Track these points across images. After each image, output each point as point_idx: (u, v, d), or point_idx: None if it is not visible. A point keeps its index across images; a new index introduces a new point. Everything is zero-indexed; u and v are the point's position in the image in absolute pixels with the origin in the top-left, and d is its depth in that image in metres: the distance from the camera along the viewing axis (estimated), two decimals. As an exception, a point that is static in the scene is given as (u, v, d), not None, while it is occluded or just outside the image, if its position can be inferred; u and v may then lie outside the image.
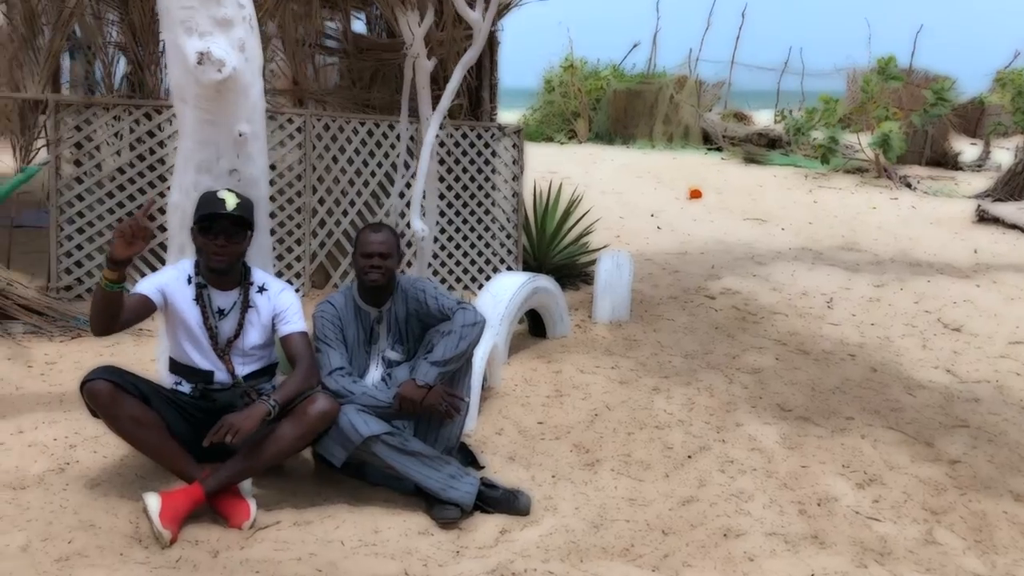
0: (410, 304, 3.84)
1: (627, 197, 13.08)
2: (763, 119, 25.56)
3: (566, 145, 23.21)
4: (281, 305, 3.62)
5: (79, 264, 6.02)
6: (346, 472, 3.76)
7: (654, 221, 11.26)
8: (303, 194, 6.51)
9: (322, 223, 6.62)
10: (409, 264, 6.31)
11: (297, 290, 6.50)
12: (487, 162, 7.09)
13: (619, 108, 25.08)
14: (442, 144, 6.90)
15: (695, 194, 13.36)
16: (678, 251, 9.34)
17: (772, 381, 5.25)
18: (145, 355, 4.97)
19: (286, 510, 3.44)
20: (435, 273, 7.04)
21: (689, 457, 4.17)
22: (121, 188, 6.08)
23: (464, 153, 7.02)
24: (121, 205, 6.09)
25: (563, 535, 3.38)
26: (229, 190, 3.52)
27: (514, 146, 7.12)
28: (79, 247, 6.01)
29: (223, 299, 3.56)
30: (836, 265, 8.60)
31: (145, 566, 2.95)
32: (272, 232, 6.41)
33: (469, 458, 3.98)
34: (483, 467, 3.94)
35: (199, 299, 3.53)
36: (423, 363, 3.58)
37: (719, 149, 21.29)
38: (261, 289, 3.63)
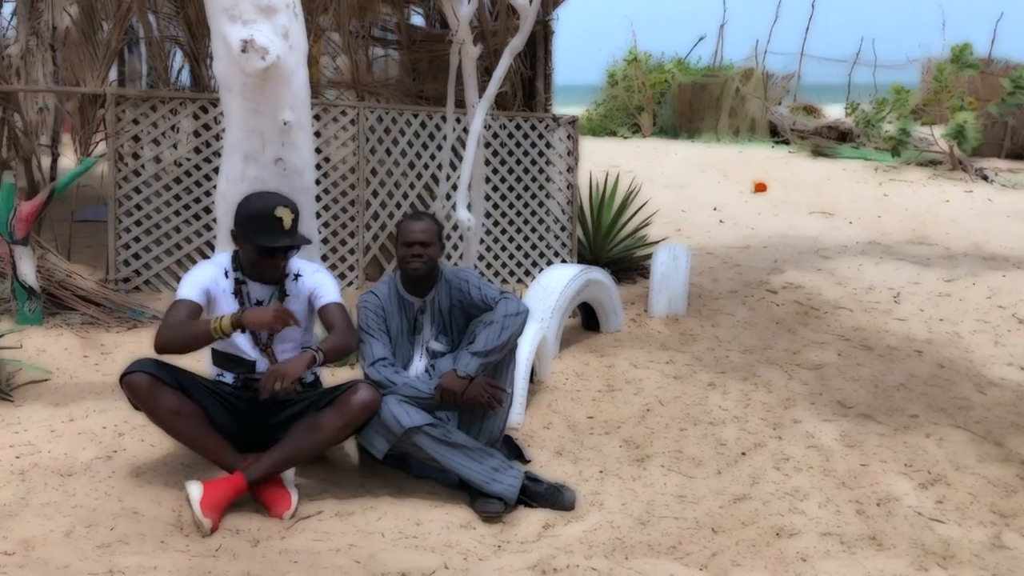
0: (453, 294, 3.80)
1: (690, 191, 12.89)
2: (834, 113, 25.01)
3: (629, 140, 23.03)
4: (316, 283, 3.61)
5: (137, 256, 6.12)
6: (390, 464, 3.74)
7: (717, 215, 11.08)
8: (356, 187, 6.53)
9: (375, 216, 6.63)
10: (452, 251, 6.27)
11: (350, 283, 6.52)
12: (541, 153, 7.02)
13: (684, 102, 24.78)
14: (495, 135, 6.86)
15: (760, 187, 13.11)
16: (740, 245, 9.17)
17: (833, 377, 5.10)
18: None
19: (328, 500, 3.43)
20: (488, 266, 7.02)
21: (743, 454, 4.07)
22: (178, 181, 6.16)
23: (518, 144, 6.97)
24: (178, 198, 6.17)
25: (608, 531, 3.31)
26: (284, 206, 3.47)
27: (569, 137, 7.05)
28: (137, 239, 6.10)
29: (261, 291, 3.57)
30: (905, 259, 8.35)
31: (184, 554, 2.96)
32: (326, 225, 6.44)
33: (515, 452, 3.93)
34: (529, 461, 3.89)
35: (238, 294, 3.54)
36: (464, 354, 3.54)
37: (786, 142, 20.89)
38: (297, 276, 3.62)
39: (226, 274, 3.54)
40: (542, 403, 4.65)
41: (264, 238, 3.39)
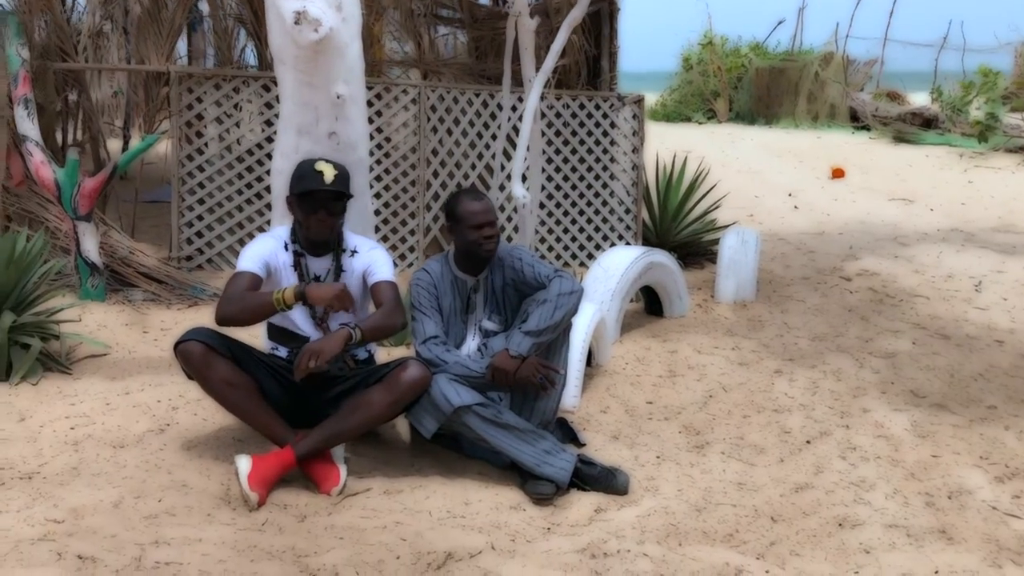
0: (507, 273, 3.75)
1: (764, 176, 12.66)
2: (919, 100, 24.27)
3: (704, 125, 22.74)
4: (371, 260, 3.60)
5: (200, 235, 6.21)
6: (442, 443, 3.72)
7: (791, 201, 10.84)
8: (417, 167, 6.53)
9: (436, 196, 6.62)
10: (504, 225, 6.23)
11: (410, 264, 6.53)
12: (605, 133, 6.93)
13: (761, 86, 24.33)
14: (558, 115, 6.79)
15: (837, 173, 12.79)
16: (815, 231, 8.95)
17: (907, 366, 4.92)
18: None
19: (377, 478, 3.42)
20: (550, 248, 6.96)
21: (808, 442, 3.95)
22: (240, 160, 6.23)
23: (581, 124, 6.89)
24: (241, 176, 6.25)
25: (662, 517, 3.23)
26: (327, 161, 3.50)
27: (634, 116, 6.94)
28: (200, 218, 6.20)
29: (318, 265, 3.57)
30: (988, 247, 8.04)
31: (230, 527, 2.98)
32: (386, 205, 6.46)
33: (569, 435, 3.88)
34: (584, 444, 3.83)
35: (297, 267, 3.54)
36: (517, 333, 3.50)
37: (867, 128, 20.36)
38: (353, 253, 3.61)
39: (285, 247, 3.55)
40: (600, 387, 4.59)
41: (302, 186, 3.40)
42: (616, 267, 5.22)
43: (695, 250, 7.27)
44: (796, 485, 3.52)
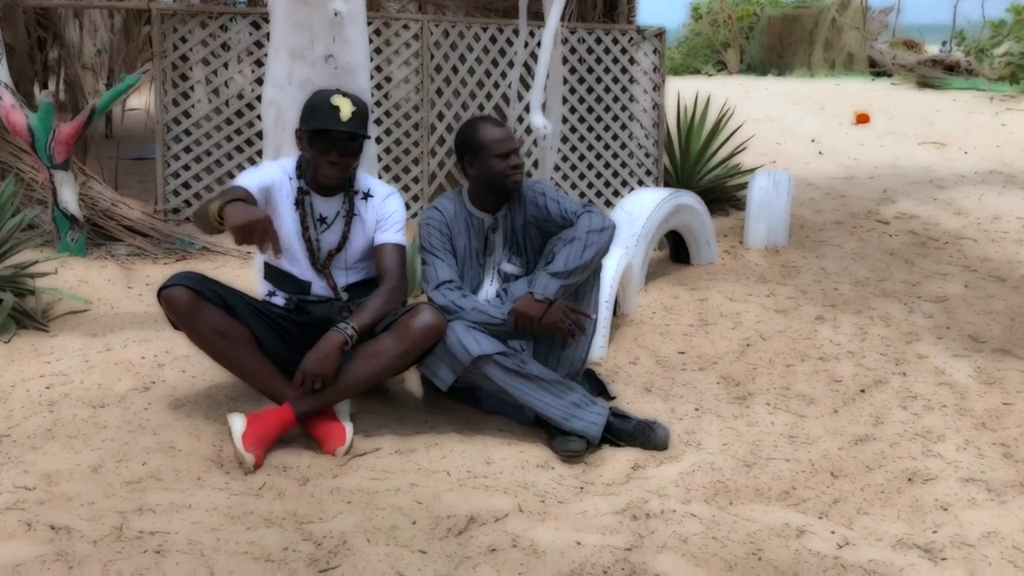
0: (528, 209, 3.45)
1: (784, 123, 12.31)
2: (936, 51, 23.76)
3: (714, 77, 22.30)
4: (384, 211, 3.31)
5: (187, 185, 5.91)
6: (458, 398, 3.45)
7: (815, 147, 10.51)
8: (420, 108, 6.20)
9: (441, 141, 6.30)
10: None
11: (414, 215, 6.22)
12: (624, 70, 6.59)
13: (774, 36, 23.86)
14: (573, 50, 6.45)
15: (862, 118, 12.44)
16: (843, 176, 8.63)
17: (961, 310, 4.63)
18: (252, 275, 4.79)
19: (387, 437, 3.14)
20: (565, 194, 6.64)
21: (862, 391, 3.66)
22: (229, 104, 5.91)
23: (598, 60, 6.54)
24: (229, 122, 5.93)
25: (708, 473, 2.95)
26: (344, 94, 3.17)
27: (655, 52, 6.60)
28: (186, 167, 5.89)
29: (325, 206, 3.26)
30: (1033, 188, 7.73)
31: (223, 492, 2.70)
32: (387, 151, 6.14)
33: (598, 388, 3.60)
34: (614, 397, 3.55)
35: (299, 205, 3.24)
36: (542, 274, 3.19)
37: (889, 74, 19.93)
38: (366, 196, 3.31)
39: (289, 180, 3.25)
40: (627, 337, 4.30)
41: (315, 123, 3.09)
42: (641, 210, 4.91)
43: (719, 196, 6.95)
44: (855, 437, 3.24)
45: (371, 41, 6.01)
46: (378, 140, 6.07)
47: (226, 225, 2.83)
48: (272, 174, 3.23)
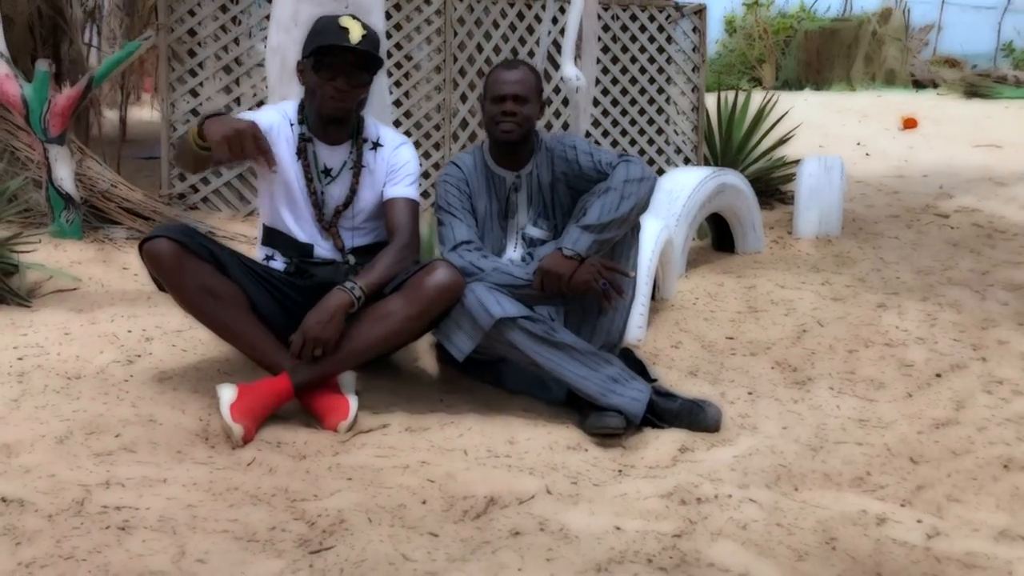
0: (557, 165, 3.12)
1: (826, 129, 11.92)
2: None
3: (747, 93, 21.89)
4: (396, 161, 3.00)
5: (193, 169, 5.63)
6: (478, 376, 3.13)
7: (861, 149, 10.13)
8: (442, 90, 5.91)
9: (464, 124, 5.99)
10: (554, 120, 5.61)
11: (434, 204, 5.91)
12: (660, 50, 6.27)
13: (810, 51, 23.45)
14: (606, 28, 6.14)
15: (909, 123, 12.05)
16: (894, 174, 8.26)
17: (1040, 297, 4.25)
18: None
19: (397, 414, 2.81)
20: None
21: (938, 375, 3.30)
22: (238, 82, 5.65)
23: (633, 39, 6.23)
24: (239, 102, 5.66)
25: (768, 457, 2.60)
26: (353, 17, 2.88)
27: (695, 30, 6.28)
28: (193, 150, 5.61)
29: (331, 156, 2.96)
30: (1102, 185, 7.31)
31: (206, 466, 2.38)
32: (407, 135, 5.84)
33: (636, 370, 3.24)
34: (655, 380, 3.18)
35: (302, 154, 2.94)
36: (573, 228, 2.86)
37: (935, 85, 19.51)
38: (376, 145, 3.01)
39: (291, 126, 2.95)
40: (667, 321, 3.96)
41: (320, 41, 2.79)
42: (681, 188, 4.58)
43: (764, 188, 6.57)
44: (935, 421, 2.88)
45: (389, 17, 5.73)
46: (396, 124, 5.78)
47: (209, 141, 2.53)
48: (270, 118, 2.93)
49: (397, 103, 5.80)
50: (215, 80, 5.61)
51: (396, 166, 2.99)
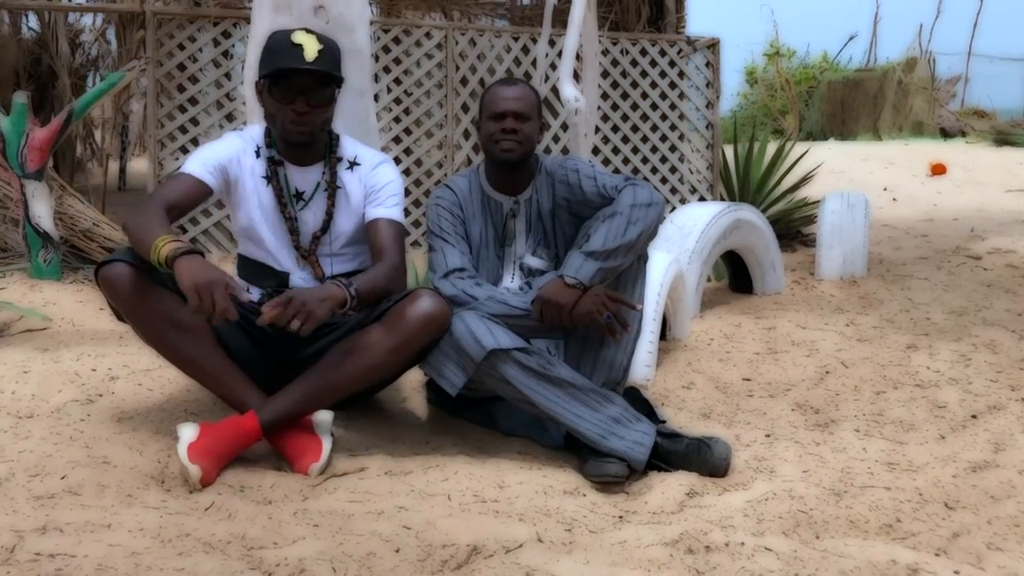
0: (558, 190, 2.98)
1: (851, 175, 11.79)
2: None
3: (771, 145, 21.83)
4: (376, 181, 2.85)
5: (181, 210, 5.53)
6: (470, 416, 2.95)
7: (888, 195, 9.98)
8: (444, 126, 5.81)
9: (468, 161, 5.88)
10: (553, 144, 5.47)
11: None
12: (672, 85, 6.17)
13: (834, 102, 23.42)
14: (615, 62, 6.05)
15: (938, 169, 11.90)
16: (923, 219, 8.09)
17: (1084, 337, 4.05)
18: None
19: (376, 456, 2.64)
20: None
21: (973, 417, 3.10)
22: (230, 117, 5.56)
23: (644, 74, 6.13)
24: (230, 140, 5.57)
25: (785, 502, 2.40)
26: (307, 31, 2.77)
27: (708, 65, 6.18)
28: (181, 189, 5.51)
29: (302, 178, 2.82)
30: None
31: (156, 511, 2.20)
32: (407, 173, 5.74)
33: (643, 411, 3.05)
34: (663, 422, 3.00)
35: (273, 180, 2.80)
36: (576, 255, 2.70)
37: (963, 134, 19.41)
38: (352, 164, 2.87)
39: (257, 152, 2.82)
40: (678, 361, 3.78)
41: (274, 63, 2.66)
42: (694, 223, 4.43)
43: (784, 230, 6.42)
44: (972, 464, 2.68)
45: (389, 51, 5.66)
46: (396, 160, 5.68)
47: (179, 284, 2.34)
48: (231, 148, 2.79)
49: (396, 140, 5.70)
50: (207, 116, 5.53)
51: (377, 186, 2.85)
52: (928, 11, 26.16)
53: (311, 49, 2.68)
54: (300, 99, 2.69)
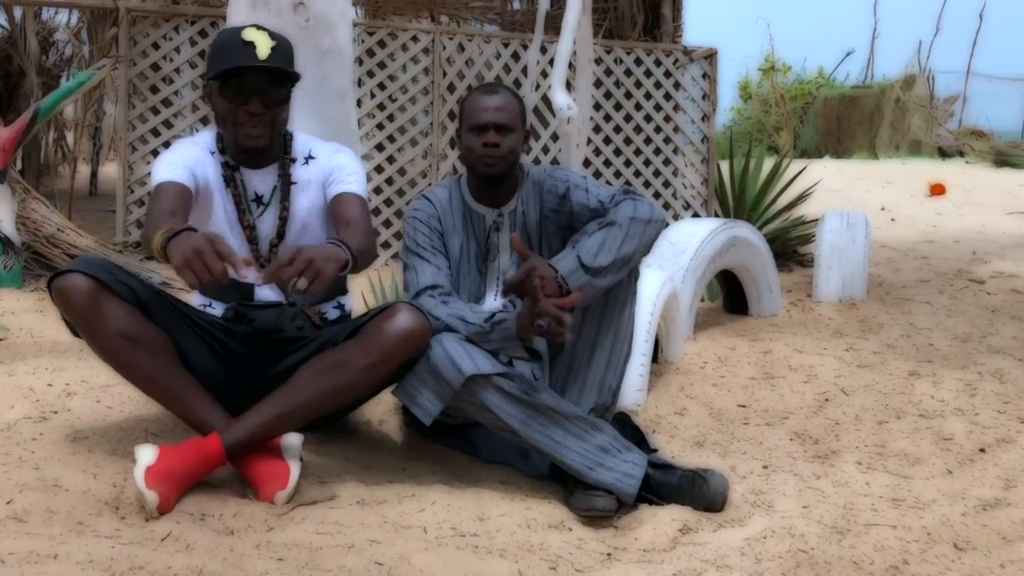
0: (546, 201, 2.88)
1: (848, 194, 11.76)
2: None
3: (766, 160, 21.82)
4: (335, 164, 2.73)
5: (152, 216, 5.42)
6: (448, 442, 2.85)
7: (886, 215, 9.96)
8: (430, 134, 5.72)
9: (454, 171, 5.79)
10: (542, 155, 5.38)
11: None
12: (668, 96, 6.10)
13: (830, 119, 23.45)
14: (608, 72, 5.98)
15: (937, 190, 11.90)
16: (923, 240, 8.06)
17: (1093, 367, 3.98)
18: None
19: (348, 484, 2.53)
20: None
21: (981, 451, 3.02)
22: (205, 121, 5.46)
23: (638, 84, 6.06)
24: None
25: (785, 540, 2.31)
26: (259, 27, 2.65)
27: (704, 76, 6.12)
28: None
29: (260, 181, 2.72)
30: None
31: (108, 541, 2.09)
32: (389, 182, 5.65)
33: (634, 438, 2.95)
34: (654, 450, 2.89)
35: (230, 183, 2.70)
36: (571, 257, 2.52)
37: (961, 154, 19.45)
38: (308, 159, 2.76)
39: (211, 155, 2.71)
40: (671, 385, 3.70)
41: (223, 63, 2.56)
42: (688, 241, 4.34)
43: (780, 249, 6.34)
44: (982, 502, 2.59)
45: (374, 55, 5.57)
46: (379, 169, 5.58)
47: (173, 267, 2.23)
48: (190, 152, 2.68)
49: (379, 147, 5.61)
50: (181, 119, 5.43)
51: (336, 167, 2.71)
52: (927, 28, 26.25)
53: (264, 46, 2.58)
54: (255, 100, 2.58)
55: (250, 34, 2.57)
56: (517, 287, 2.45)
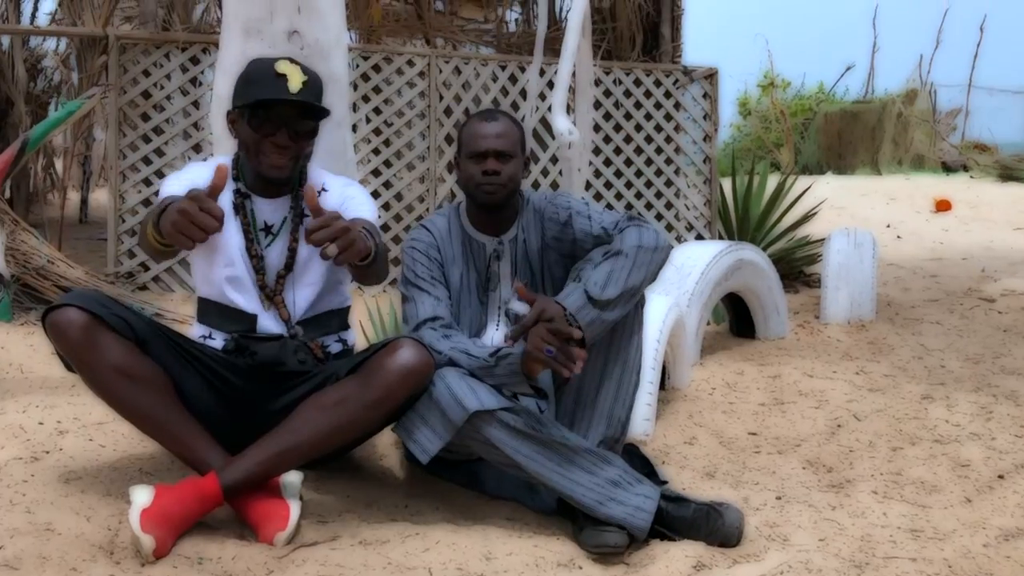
0: (548, 229, 2.86)
1: (853, 211, 11.78)
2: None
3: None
4: (347, 195, 2.76)
5: (144, 246, 5.40)
6: (450, 477, 2.82)
7: (891, 232, 9.96)
8: (426, 159, 5.71)
9: (451, 196, 5.78)
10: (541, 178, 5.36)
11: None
12: (668, 117, 6.10)
13: (831, 134, 23.49)
14: (608, 93, 5.98)
15: (943, 206, 11.91)
16: (930, 257, 8.04)
17: (1111, 388, 3.95)
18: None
19: (350, 523, 2.50)
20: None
21: (1000, 478, 2.99)
22: (197, 148, 5.45)
23: (638, 105, 6.06)
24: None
25: (802, 575, 2.27)
26: (291, 60, 2.67)
27: (705, 96, 6.12)
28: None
29: (270, 211, 2.71)
30: None
31: (103, 587, 2.06)
32: (386, 208, 5.64)
33: (643, 470, 2.92)
34: (665, 482, 2.86)
35: (240, 211, 2.69)
36: (577, 292, 2.51)
37: (966, 168, 19.48)
38: (320, 192, 2.76)
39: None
40: (679, 413, 3.66)
41: (255, 93, 2.56)
42: (693, 264, 4.33)
43: (786, 270, 6.32)
44: (1003, 532, 2.56)
45: (369, 79, 5.57)
46: (376, 194, 5.57)
47: (166, 239, 2.24)
48: (200, 174, 2.68)
49: (376, 172, 5.60)
50: (172, 146, 5.42)
51: (347, 199, 2.74)
52: (927, 41, 26.31)
53: (296, 80, 2.59)
54: (283, 131, 2.59)
55: (283, 67, 2.58)
56: (526, 332, 2.43)
